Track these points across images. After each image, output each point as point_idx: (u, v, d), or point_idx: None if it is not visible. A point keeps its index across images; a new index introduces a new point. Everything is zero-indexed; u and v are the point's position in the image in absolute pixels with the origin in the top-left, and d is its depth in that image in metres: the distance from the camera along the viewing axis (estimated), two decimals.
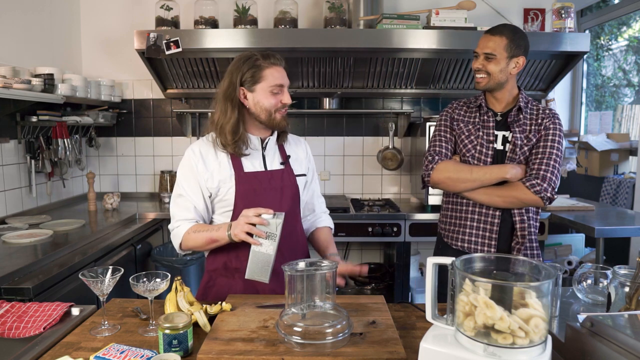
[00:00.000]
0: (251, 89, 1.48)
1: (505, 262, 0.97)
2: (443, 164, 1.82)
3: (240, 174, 1.52)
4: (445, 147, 1.87)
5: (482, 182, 1.76)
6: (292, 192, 1.58)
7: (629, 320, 0.92)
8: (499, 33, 1.76)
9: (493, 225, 1.81)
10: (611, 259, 2.86)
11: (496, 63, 1.75)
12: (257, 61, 1.47)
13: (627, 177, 3.13)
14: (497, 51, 1.74)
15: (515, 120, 1.80)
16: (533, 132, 1.78)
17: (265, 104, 1.48)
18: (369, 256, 3.63)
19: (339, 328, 1.09)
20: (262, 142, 1.57)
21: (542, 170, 1.71)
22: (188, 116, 3.48)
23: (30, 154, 2.74)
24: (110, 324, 1.26)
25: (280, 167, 1.59)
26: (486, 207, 1.81)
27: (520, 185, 1.72)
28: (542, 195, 1.70)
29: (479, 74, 1.80)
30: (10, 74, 2.32)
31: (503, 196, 1.75)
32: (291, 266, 1.17)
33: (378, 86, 3.36)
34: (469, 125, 1.86)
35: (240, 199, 1.51)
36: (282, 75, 1.49)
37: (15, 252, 1.99)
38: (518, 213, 1.79)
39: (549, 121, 1.78)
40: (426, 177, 1.85)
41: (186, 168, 1.54)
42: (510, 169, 1.74)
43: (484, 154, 1.81)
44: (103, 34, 3.41)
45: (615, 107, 3.52)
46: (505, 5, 3.37)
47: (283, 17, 3.02)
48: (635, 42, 3.39)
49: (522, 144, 1.77)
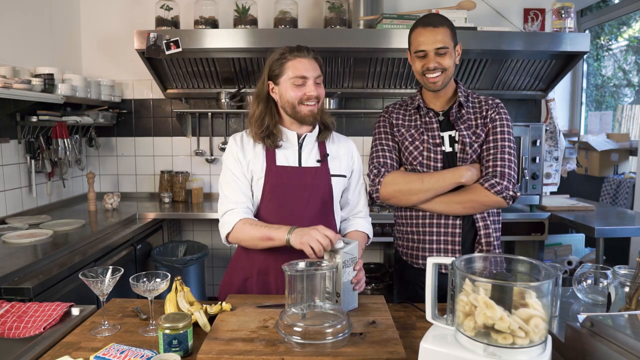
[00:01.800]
0: (277, 82, 1.50)
1: (506, 262, 0.97)
2: (390, 176, 1.65)
3: (272, 166, 1.51)
4: (390, 156, 1.70)
5: (436, 191, 1.60)
6: (324, 191, 1.54)
7: (629, 320, 0.92)
8: (440, 24, 1.57)
9: (455, 236, 1.64)
10: (611, 259, 2.86)
11: (450, 56, 1.58)
12: (284, 54, 1.48)
13: (627, 177, 3.13)
14: (447, 43, 1.56)
15: (458, 117, 1.65)
16: (480, 126, 1.64)
17: (288, 96, 1.48)
18: (369, 256, 3.63)
19: (339, 328, 1.09)
20: (299, 137, 1.55)
21: (499, 166, 1.57)
22: (188, 116, 3.48)
23: (30, 154, 2.74)
24: (110, 324, 1.26)
25: (316, 165, 1.55)
26: (445, 216, 1.64)
27: (479, 188, 1.57)
28: (504, 195, 1.55)
29: (433, 74, 1.58)
30: (10, 74, 2.32)
31: (462, 202, 1.59)
32: (291, 266, 1.17)
33: (378, 86, 3.36)
34: (411, 130, 1.69)
35: (267, 192, 1.51)
36: (305, 67, 1.47)
37: (15, 252, 1.99)
38: (481, 218, 1.64)
39: (493, 111, 1.63)
40: (374, 193, 1.68)
41: (230, 155, 1.55)
42: (464, 171, 1.59)
43: (432, 159, 1.64)
44: (103, 34, 3.41)
45: (615, 107, 3.52)
46: (505, 5, 3.37)
47: (283, 17, 3.02)
48: (635, 42, 3.39)
49: (470, 141, 1.62)
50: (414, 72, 1.68)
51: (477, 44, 2.86)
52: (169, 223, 3.34)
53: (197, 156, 3.55)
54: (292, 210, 1.51)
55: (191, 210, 3.12)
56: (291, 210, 1.51)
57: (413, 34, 1.62)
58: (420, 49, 1.58)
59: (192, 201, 3.32)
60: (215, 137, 3.50)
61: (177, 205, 3.29)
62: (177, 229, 3.52)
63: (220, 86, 3.36)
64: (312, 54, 1.50)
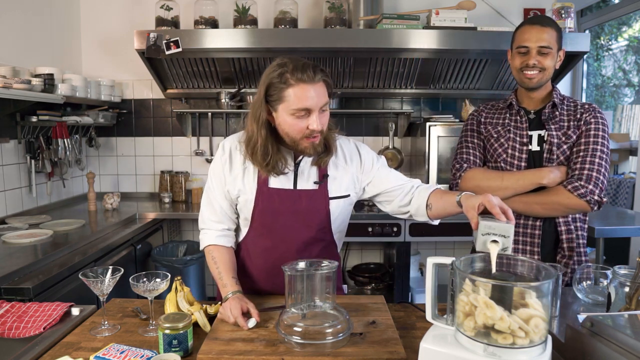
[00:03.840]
0: (275, 108, 1.28)
1: (506, 262, 0.97)
2: (471, 172, 1.65)
3: (264, 188, 1.37)
4: (473, 153, 1.71)
5: (515, 190, 1.57)
6: (321, 216, 1.40)
7: (629, 320, 0.92)
8: (548, 25, 1.56)
9: (534, 238, 1.61)
10: (611, 259, 2.86)
11: (552, 57, 1.56)
12: (284, 75, 1.23)
13: (627, 177, 3.13)
14: (552, 43, 1.55)
15: (550, 117, 1.61)
16: (572, 128, 1.58)
17: (287, 127, 1.27)
18: (369, 256, 3.63)
19: (339, 328, 1.09)
20: (295, 158, 1.38)
21: (587, 169, 1.50)
22: (188, 116, 3.48)
23: (30, 154, 2.74)
24: (110, 324, 1.26)
25: (313, 187, 1.39)
26: (525, 216, 1.61)
27: (562, 189, 1.52)
28: (588, 199, 1.49)
29: (531, 70, 1.57)
30: (10, 74, 2.32)
31: (543, 203, 1.55)
32: (291, 266, 1.17)
33: (378, 86, 3.36)
34: (498, 127, 1.68)
35: (257, 215, 1.39)
36: (309, 95, 1.22)
37: (15, 252, 1.99)
38: (563, 222, 1.59)
39: (590, 115, 1.57)
40: (454, 187, 1.70)
41: (214, 164, 1.44)
42: (547, 173, 1.55)
43: (517, 157, 1.62)
44: (103, 34, 3.41)
45: (615, 107, 3.52)
46: (505, 5, 3.37)
47: (283, 17, 3.02)
48: (635, 42, 3.39)
49: (560, 142, 1.57)
50: (511, 70, 1.67)
51: (477, 44, 2.87)
52: (169, 223, 3.34)
53: (197, 156, 3.55)
54: (283, 236, 1.40)
55: (191, 210, 3.12)
56: (282, 236, 1.40)
57: (518, 31, 1.62)
58: (523, 45, 1.58)
59: (192, 201, 3.32)
60: (215, 137, 3.50)
61: (177, 205, 3.29)
62: (177, 229, 3.52)
63: (220, 86, 3.36)
64: (319, 76, 1.24)
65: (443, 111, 3.48)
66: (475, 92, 3.39)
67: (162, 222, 3.16)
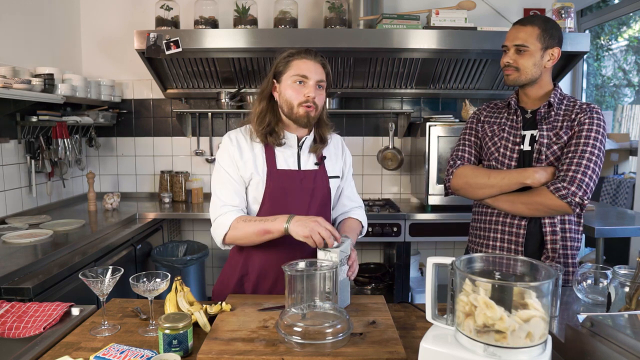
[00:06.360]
0: (279, 80, 1.48)
1: (506, 262, 0.97)
2: (462, 169, 1.70)
3: (273, 170, 1.50)
4: (469, 151, 1.74)
5: (500, 188, 1.59)
6: (324, 194, 1.56)
7: (629, 320, 0.92)
8: (529, 23, 1.59)
9: (518, 237, 1.62)
10: (611, 259, 2.86)
11: (529, 56, 1.58)
12: (291, 54, 1.48)
13: (627, 177, 3.13)
14: (529, 42, 1.57)
15: (545, 117, 1.61)
16: (564, 128, 1.57)
17: (287, 94, 1.46)
18: (369, 256, 3.63)
19: (339, 328, 1.09)
20: (298, 140, 1.54)
21: (572, 171, 1.49)
22: (188, 116, 3.48)
23: (30, 154, 2.74)
24: (110, 324, 1.26)
25: (315, 168, 1.56)
26: (511, 216, 1.63)
27: (545, 190, 1.53)
28: (569, 200, 1.48)
29: (507, 69, 1.62)
30: (10, 74, 2.32)
31: (527, 203, 1.56)
32: (291, 266, 1.17)
33: (378, 86, 3.37)
34: (494, 126, 1.71)
35: (268, 196, 1.49)
36: (308, 67, 1.45)
37: (15, 252, 1.99)
38: (549, 223, 1.60)
39: (585, 116, 1.55)
40: (447, 182, 1.74)
41: (225, 155, 1.51)
42: (532, 173, 1.56)
43: (507, 156, 1.64)
44: (103, 34, 3.41)
45: (615, 107, 3.52)
46: (505, 5, 3.37)
47: (283, 17, 3.02)
48: (635, 42, 3.39)
49: (550, 142, 1.58)
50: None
51: (477, 44, 2.87)
52: (169, 223, 3.34)
53: (197, 156, 3.55)
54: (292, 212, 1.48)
55: (191, 210, 3.12)
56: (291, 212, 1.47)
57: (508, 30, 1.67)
58: (503, 43, 1.65)
59: (192, 201, 3.32)
60: (215, 137, 3.50)
61: (177, 205, 3.29)
62: (177, 229, 3.52)
63: (220, 86, 3.37)
64: (318, 58, 1.48)
65: (443, 111, 3.48)
66: (475, 92, 3.39)
67: (162, 222, 3.17)
